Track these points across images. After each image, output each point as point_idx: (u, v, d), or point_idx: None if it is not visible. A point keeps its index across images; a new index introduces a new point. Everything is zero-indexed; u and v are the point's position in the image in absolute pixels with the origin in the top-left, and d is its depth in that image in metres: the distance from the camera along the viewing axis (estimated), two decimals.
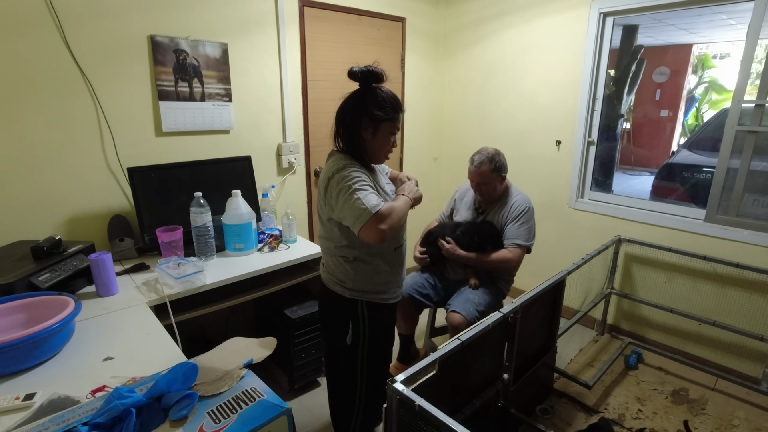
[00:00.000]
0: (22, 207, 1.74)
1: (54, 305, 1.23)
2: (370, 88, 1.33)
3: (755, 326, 2.18)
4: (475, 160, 2.00)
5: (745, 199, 2.19)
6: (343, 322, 1.43)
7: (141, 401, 0.82)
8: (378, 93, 1.33)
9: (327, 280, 1.46)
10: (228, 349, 1.08)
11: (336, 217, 1.31)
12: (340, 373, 1.55)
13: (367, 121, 1.32)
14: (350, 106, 1.34)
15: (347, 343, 1.44)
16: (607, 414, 2.03)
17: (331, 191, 1.29)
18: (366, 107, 1.31)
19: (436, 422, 0.97)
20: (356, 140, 1.34)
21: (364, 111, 1.32)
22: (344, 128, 1.35)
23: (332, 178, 1.28)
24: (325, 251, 1.45)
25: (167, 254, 1.82)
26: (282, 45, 2.38)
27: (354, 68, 1.30)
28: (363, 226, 1.21)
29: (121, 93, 1.91)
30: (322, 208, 1.36)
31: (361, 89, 1.34)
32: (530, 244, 2.02)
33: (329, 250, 1.42)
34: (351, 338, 1.43)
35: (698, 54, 5.79)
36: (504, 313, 1.47)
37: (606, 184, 3.03)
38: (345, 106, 1.35)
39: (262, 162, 2.43)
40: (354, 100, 1.34)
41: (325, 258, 1.46)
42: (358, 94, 1.34)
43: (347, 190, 1.24)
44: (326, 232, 1.40)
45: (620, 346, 2.54)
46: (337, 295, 1.41)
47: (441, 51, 3.31)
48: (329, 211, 1.32)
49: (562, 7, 2.62)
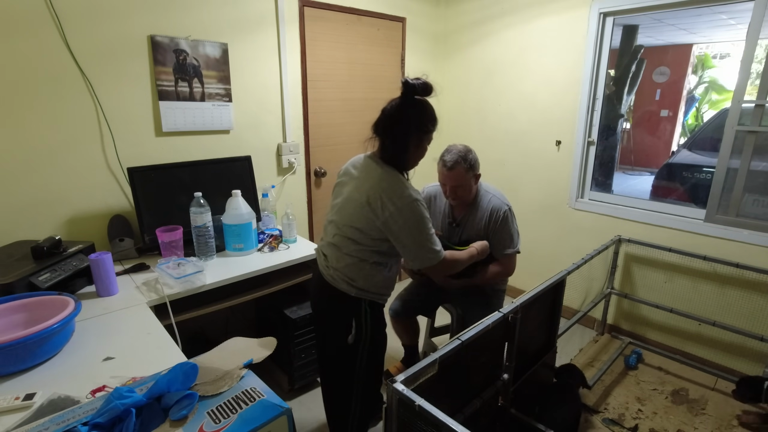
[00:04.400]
0: (22, 207, 1.74)
1: (54, 305, 1.23)
2: (419, 101, 1.34)
3: (755, 326, 2.18)
4: (448, 161, 1.74)
5: (745, 199, 2.19)
6: (346, 320, 1.42)
7: (141, 401, 0.82)
8: (427, 106, 1.35)
9: (332, 278, 1.41)
10: (228, 349, 1.08)
11: (392, 236, 1.32)
12: (336, 373, 1.54)
13: (417, 133, 1.35)
14: (403, 117, 1.33)
15: (348, 342, 1.42)
16: (607, 414, 2.03)
17: (394, 219, 1.30)
18: (419, 120, 1.33)
19: (436, 422, 0.97)
20: (402, 150, 1.35)
21: (417, 124, 1.34)
22: (393, 138, 1.34)
23: (401, 213, 1.29)
24: (336, 249, 1.41)
25: (167, 254, 1.82)
26: (282, 45, 2.38)
27: (410, 80, 1.30)
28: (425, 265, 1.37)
29: (121, 93, 1.91)
30: (358, 213, 1.34)
31: (410, 101, 1.33)
32: (518, 246, 1.90)
33: (348, 249, 1.38)
34: (353, 337, 1.42)
35: (698, 54, 5.80)
36: (504, 313, 1.47)
37: (606, 184, 3.03)
38: (396, 117, 1.33)
39: (262, 162, 2.43)
40: (406, 112, 1.33)
41: (336, 255, 1.41)
42: (409, 105, 1.33)
43: (418, 227, 1.31)
44: (353, 234, 1.36)
45: (620, 346, 2.54)
46: (341, 293, 1.40)
47: (441, 51, 3.31)
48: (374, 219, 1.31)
49: (562, 7, 2.62)
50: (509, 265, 1.89)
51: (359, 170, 1.40)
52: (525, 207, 3.01)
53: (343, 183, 1.45)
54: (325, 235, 1.48)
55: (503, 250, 1.85)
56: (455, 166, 1.74)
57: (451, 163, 1.74)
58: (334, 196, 1.49)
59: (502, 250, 1.85)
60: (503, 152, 3.10)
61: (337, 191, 1.47)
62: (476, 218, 1.87)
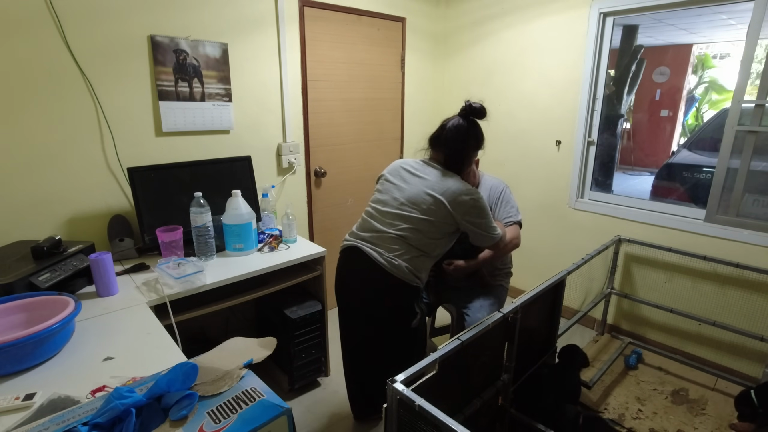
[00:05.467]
0: (22, 207, 1.74)
1: (54, 305, 1.23)
2: (475, 122, 1.63)
3: (755, 326, 2.18)
4: None
5: (745, 199, 2.19)
6: (410, 307, 1.63)
7: (141, 401, 0.82)
8: (480, 127, 1.65)
9: (395, 267, 1.54)
10: (228, 349, 1.08)
11: (470, 224, 1.57)
12: (397, 352, 1.67)
13: (475, 148, 1.67)
14: (469, 136, 1.62)
15: (413, 326, 1.62)
16: (607, 414, 2.03)
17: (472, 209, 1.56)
18: (476, 138, 1.64)
19: (436, 422, 0.97)
20: (461, 161, 1.64)
21: (475, 141, 1.65)
22: (461, 154, 1.64)
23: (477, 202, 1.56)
24: (403, 241, 1.56)
25: (167, 254, 1.82)
26: (282, 45, 2.38)
27: (473, 104, 1.60)
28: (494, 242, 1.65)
29: (121, 93, 1.91)
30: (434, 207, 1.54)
31: (471, 121, 1.62)
32: (521, 218, 2.03)
33: (418, 242, 1.56)
34: (418, 321, 1.63)
35: (698, 54, 5.80)
36: (504, 313, 1.47)
37: (606, 184, 3.03)
38: (463, 137, 1.62)
39: (262, 162, 2.43)
40: (471, 132, 1.63)
41: (404, 248, 1.56)
42: (471, 127, 1.62)
43: (488, 215, 1.60)
44: (425, 226, 1.55)
45: (620, 346, 2.54)
46: (404, 282, 1.56)
47: (441, 51, 3.31)
48: (451, 213, 1.54)
49: (562, 7, 2.62)
50: (516, 234, 1.99)
51: (424, 172, 1.62)
52: (525, 207, 3.00)
53: (404, 180, 1.64)
54: (380, 228, 1.60)
55: (507, 218, 2.00)
56: None
57: None
58: (385, 191, 1.67)
59: (507, 218, 1.99)
60: (503, 152, 3.10)
61: (392, 187, 1.65)
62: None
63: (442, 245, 1.63)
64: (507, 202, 2.01)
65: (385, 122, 3.06)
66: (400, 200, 1.59)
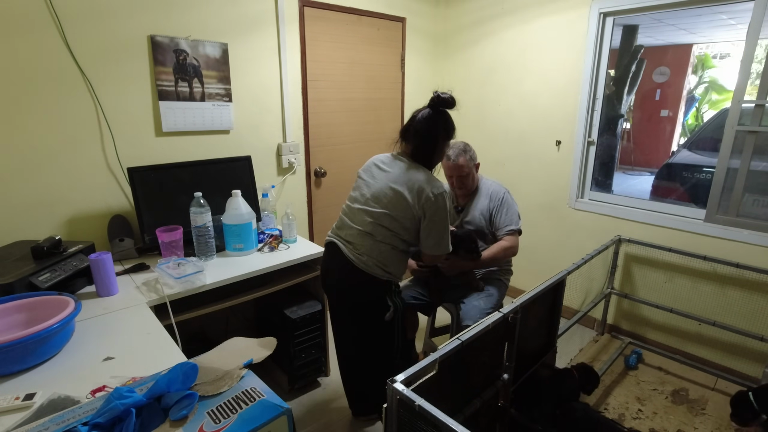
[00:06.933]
0: (22, 207, 1.74)
1: (54, 305, 1.23)
2: (444, 111, 1.62)
3: (755, 326, 2.18)
4: (452, 156, 2.00)
5: (745, 199, 2.19)
6: (382, 301, 1.63)
7: (141, 401, 0.82)
8: (449, 116, 1.64)
9: (365, 264, 1.57)
10: (228, 349, 1.08)
11: (425, 220, 1.56)
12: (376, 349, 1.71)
13: (444, 138, 1.64)
14: (433, 125, 1.61)
15: (386, 319, 1.63)
16: (607, 414, 2.03)
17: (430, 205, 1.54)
18: (446, 127, 1.63)
19: (436, 422, 0.97)
20: (431, 151, 1.63)
21: (445, 130, 1.63)
22: (424, 141, 1.62)
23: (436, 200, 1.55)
24: (370, 237, 1.58)
25: (167, 254, 1.82)
26: (282, 45, 2.38)
27: (441, 94, 1.59)
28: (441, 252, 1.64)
29: (121, 93, 1.91)
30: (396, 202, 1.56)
31: (438, 111, 1.61)
32: (520, 225, 2.07)
33: (382, 236, 1.58)
34: (391, 314, 1.63)
35: (698, 54, 5.80)
36: (504, 313, 1.47)
37: (606, 184, 3.03)
38: (428, 125, 1.60)
39: (262, 162, 2.43)
40: (436, 121, 1.61)
41: (369, 243, 1.58)
42: (440, 117, 1.61)
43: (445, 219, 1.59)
44: (387, 221, 1.57)
45: (620, 346, 2.54)
46: (373, 277, 1.58)
47: (441, 51, 3.31)
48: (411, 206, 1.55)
49: (562, 7, 2.62)
50: (514, 244, 2.02)
51: (390, 166, 1.63)
52: (525, 207, 3.00)
53: (372, 176, 1.65)
54: (350, 224, 1.63)
55: (508, 226, 2.02)
56: (458, 158, 1.99)
57: (455, 156, 1.99)
58: (356, 188, 1.69)
59: (507, 227, 2.02)
60: (503, 152, 3.10)
61: (362, 183, 1.67)
62: (478, 203, 2.09)
63: (410, 238, 1.63)
64: (508, 208, 2.04)
65: (385, 122, 3.06)
66: (367, 196, 1.62)
